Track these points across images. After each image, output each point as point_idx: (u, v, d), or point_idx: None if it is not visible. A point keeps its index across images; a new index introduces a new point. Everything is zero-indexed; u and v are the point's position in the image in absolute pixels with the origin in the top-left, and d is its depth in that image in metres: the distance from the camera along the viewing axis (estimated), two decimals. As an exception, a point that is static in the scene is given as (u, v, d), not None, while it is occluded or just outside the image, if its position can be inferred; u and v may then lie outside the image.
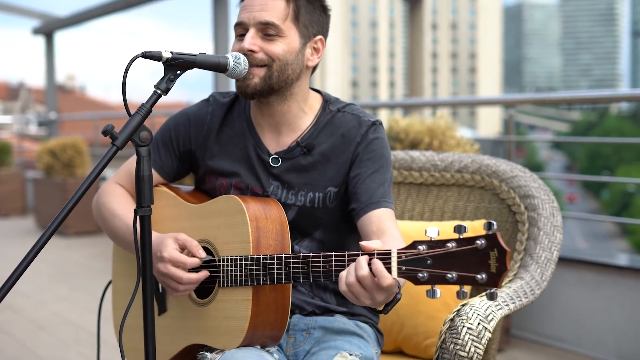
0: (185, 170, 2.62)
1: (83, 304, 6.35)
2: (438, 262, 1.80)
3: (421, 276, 1.81)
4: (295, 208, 2.42)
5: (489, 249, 1.74)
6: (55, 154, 10.51)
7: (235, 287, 2.22)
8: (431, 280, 1.81)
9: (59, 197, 10.17)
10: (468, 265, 1.76)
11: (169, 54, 2.06)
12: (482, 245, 1.74)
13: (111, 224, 2.51)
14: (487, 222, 1.74)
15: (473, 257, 1.76)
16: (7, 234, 10.56)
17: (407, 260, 1.84)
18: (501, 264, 1.73)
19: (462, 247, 1.77)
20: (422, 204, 3.10)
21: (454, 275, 1.77)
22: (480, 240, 1.75)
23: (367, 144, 2.41)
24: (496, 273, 1.73)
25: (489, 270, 1.74)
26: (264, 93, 2.34)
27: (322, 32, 2.44)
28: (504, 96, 7.30)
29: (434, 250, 1.80)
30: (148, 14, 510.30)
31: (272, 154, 2.44)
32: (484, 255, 1.75)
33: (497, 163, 2.94)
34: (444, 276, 1.79)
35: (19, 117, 25.22)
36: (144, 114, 2.02)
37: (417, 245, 1.83)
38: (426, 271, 1.81)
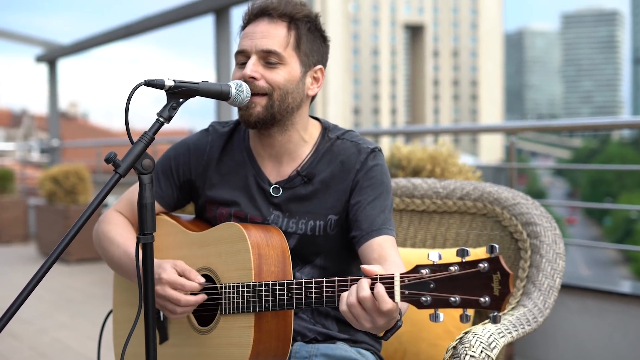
0: (186, 200, 2.62)
1: (84, 331, 6.33)
2: (441, 286, 1.80)
3: (424, 300, 1.81)
4: (296, 236, 2.42)
5: (491, 272, 1.74)
6: (57, 181, 10.52)
7: (237, 314, 2.22)
8: (434, 304, 1.80)
9: (61, 224, 10.16)
10: (471, 289, 1.76)
11: (171, 82, 2.07)
12: (484, 269, 1.74)
13: (110, 252, 2.52)
14: (490, 245, 1.74)
15: (476, 280, 1.76)
16: (9, 260, 10.55)
17: (410, 284, 1.84)
18: (504, 287, 1.73)
19: (465, 270, 1.77)
20: (424, 232, 3.10)
21: (457, 298, 1.77)
22: (482, 264, 1.75)
23: (366, 171, 2.41)
24: (499, 296, 1.73)
25: (492, 293, 1.74)
26: (267, 122, 2.35)
27: (322, 61, 2.46)
28: (506, 123, 7.33)
29: (437, 274, 1.80)
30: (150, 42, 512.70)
31: (273, 183, 2.45)
32: (486, 278, 1.74)
33: (499, 190, 2.94)
34: (447, 300, 1.78)
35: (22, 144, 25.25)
36: (147, 142, 2.02)
37: (419, 269, 1.83)
38: (429, 295, 1.81)
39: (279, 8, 2.35)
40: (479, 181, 3.24)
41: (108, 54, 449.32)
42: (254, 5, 2.40)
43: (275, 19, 2.36)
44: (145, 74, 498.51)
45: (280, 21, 2.35)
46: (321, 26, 2.45)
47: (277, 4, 2.36)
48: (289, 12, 2.36)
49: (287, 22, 2.36)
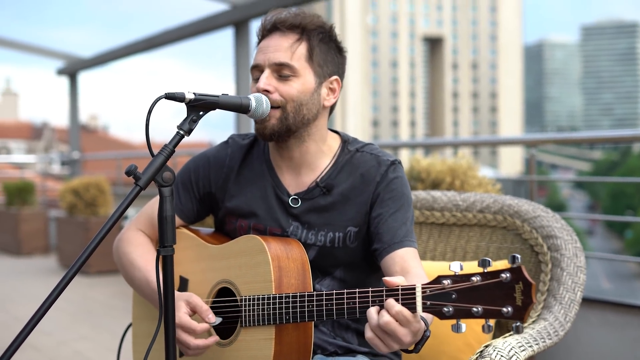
0: (205, 213, 2.63)
1: (104, 343, 6.34)
2: (463, 296, 1.79)
3: (446, 310, 1.80)
4: (315, 248, 2.42)
5: (514, 282, 1.73)
6: (78, 193, 10.56)
7: (257, 327, 2.22)
8: (457, 315, 1.80)
9: (82, 236, 10.20)
10: (493, 299, 1.75)
11: (191, 95, 2.08)
12: (507, 279, 1.74)
13: (131, 274, 2.53)
14: (512, 255, 1.74)
15: (498, 291, 1.75)
16: (30, 272, 10.59)
17: (432, 295, 1.83)
18: (527, 297, 1.72)
19: (487, 280, 1.76)
20: (444, 244, 3.09)
21: (479, 309, 1.76)
22: (505, 274, 1.74)
23: (387, 183, 2.41)
24: (522, 306, 1.73)
25: (515, 303, 1.73)
26: (282, 134, 2.36)
27: (337, 72, 2.46)
28: (526, 136, 7.31)
29: (459, 285, 1.80)
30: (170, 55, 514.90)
31: (292, 194, 2.45)
32: (509, 288, 1.74)
33: (519, 203, 2.93)
34: (469, 310, 1.78)
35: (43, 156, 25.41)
36: (167, 155, 2.03)
37: (441, 279, 1.83)
38: (451, 305, 1.80)
39: (289, 20, 2.38)
40: (498, 194, 3.24)
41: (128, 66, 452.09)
42: (267, 20, 2.42)
43: (286, 32, 2.37)
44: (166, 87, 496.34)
45: (292, 33, 2.37)
46: (336, 37, 2.46)
47: (287, 16, 2.39)
48: (299, 24, 2.37)
49: (298, 34, 2.37)
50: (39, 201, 13.70)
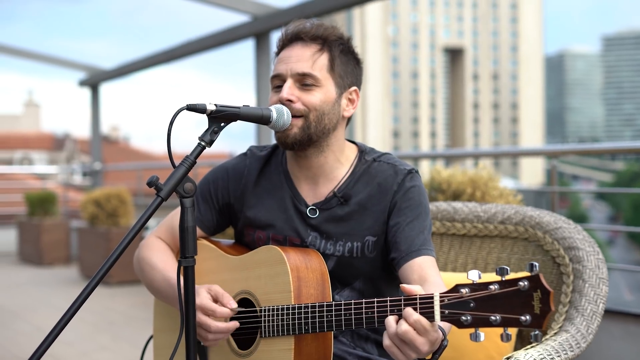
0: (225, 224, 2.64)
1: (125, 354, 6.36)
2: (481, 305, 1.79)
3: (464, 319, 1.80)
4: (334, 258, 2.42)
5: (532, 290, 1.73)
6: (99, 204, 10.61)
7: (277, 337, 2.22)
8: (475, 323, 1.79)
9: (103, 247, 10.24)
10: (511, 307, 1.75)
11: (213, 106, 2.09)
12: (525, 287, 1.73)
13: (150, 277, 2.54)
14: (530, 263, 1.73)
15: (516, 299, 1.75)
16: (51, 282, 10.64)
17: (450, 304, 1.83)
18: (545, 305, 1.72)
19: (505, 289, 1.76)
20: (465, 255, 3.09)
21: (497, 317, 1.76)
22: (522, 282, 1.74)
23: (404, 192, 2.41)
24: (540, 314, 1.72)
25: (533, 311, 1.73)
26: (303, 144, 2.37)
27: (356, 83, 2.48)
28: (547, 147, 7.28)
29: (477, 293, 1.79)
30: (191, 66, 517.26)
31: (310, 205, 2.46)
32: (527, 296, 1.73)
33: (540, 214, 2.92)
34: (487, 318, 1.77)
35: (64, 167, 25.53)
36: (188, 166, 2.04)
37: (459, 288, 1.82)
38: (469, 314, 1.80)
39: (312, 31, 2.39)
40: (520, 205, 3.22)
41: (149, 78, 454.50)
42: (287, 31, 2.44)
43: (308, 43, 2.39)
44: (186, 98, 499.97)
45: (314, 44, 2.39)
46: (354, 48, 2.48)
47: (309, 27, 2.40)
48: (321, 35, 2.39)
49: (320, 44, 2.39)
50: (60, 212, 13.78)
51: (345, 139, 2.53)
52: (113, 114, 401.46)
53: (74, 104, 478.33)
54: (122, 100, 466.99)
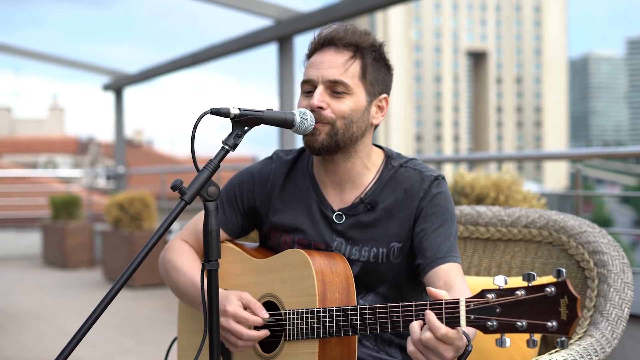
0: (250, 227, 2.64)
1: (149, 356, 6.38)
2: (507, 310, 1.78)
3: (490, 325, 1.79)
4: (359, 263, 2.42)
5: (559, 296, 1.72)
6: (123, 207, 10.67)
7: (301, 341, 2.23)
8: (501, 329, 1.79)
9: (127, 250, 10.28)
10: (538, 313, 1.74)
11: (236, 110, 2.09)
12: (551, 293, 1.72)
13: (175, 280, 2.55)
14: (557, 269, 1.72)
15: (543, 305, 1.74)
16: (75, 285, 10.70)
17: (476, 309, 1.83)
18: (572, 312, 1.70)
19: (532, 294, 1.75)
20: (489, 260, 3.07)
21: (523, 323, 1.75)
22: (550, 288, 1.73)
23: (430, 198, 2.40)
24: (567, 320, 1.71)
25: (560, 317, 1.72)
26: (331, 149, 2.36)
27: (386, 90, 2.47)
28: (571, 151, 7.25)
29: (503, 299, 1.79)
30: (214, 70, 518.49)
31: (336, 210, 2.45)
32: (554, 302, 1.72)
33: (565, 218, 2.90)
34: (513, 324, 1.77)
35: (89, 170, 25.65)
36: (212, 170, 2.05)
37: (485, 293, 1.82)
38: (495, 320, 1.79)
39: (346, 38, 2.36)
40: (544, 209, 3.21)
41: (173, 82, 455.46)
42: (321, 35, 2.41)
43: (341, 49, 2.37)
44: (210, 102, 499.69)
45: (347, 51, 2.36)
46: (385, 55, 2.46)
47: (343, 33, 2.37)
48: (355, 42, 2.36)
49: (353, 51, 2.37)
50: (84, 215, 13.86)
51: (372, 143, 2.53)
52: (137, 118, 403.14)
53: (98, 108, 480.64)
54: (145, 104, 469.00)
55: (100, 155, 47.23)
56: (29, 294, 9.93)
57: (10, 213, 16.23)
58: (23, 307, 8.95)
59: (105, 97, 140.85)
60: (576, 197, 5.28)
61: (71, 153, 48.39)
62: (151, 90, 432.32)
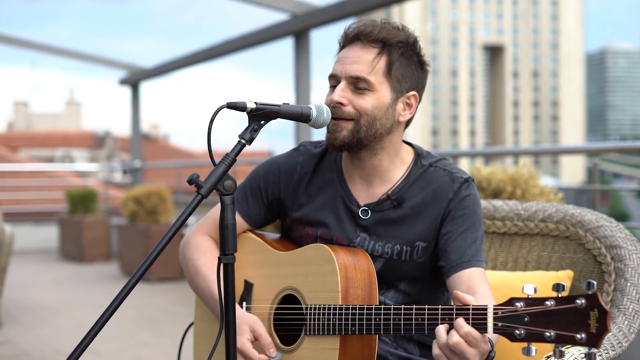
0: (272, 219, 2.64)
1: (166, 349, 6.40)
2: (536, 320, 1.77)
3: (518, 333, 1.78)
4: (381, 260, 2.41)
5: (589, 308, 1.70)
6: (139, 201, 10.69)
7: (321, 336, 2.22)
8: (528, 338, 1.77)
9: (143, 244, 10.31)
10: (567, 325, 1.73)
11: (253, 104, 2.09)
12: (582, 305, 1.71)
13: (195, 282, 2.55)
14: (587, 281, 1.70)
15: (572, 317, 1.72)
16: (92, 279, 10.74)
17: (503, 317, 1.81)
18: (601, 325, 1.69)
19: (561, 305, 1.74)
20: (506, 254, 3.07)
21: (552, 333, 1.74)
22: (580, 300, 1.71)
23: (459, 200, 2.38)
24: (596, 333, 1.69)
25: (589, 330, 1.70)
26: (353, 147, 2.35)
27: (416, 87, 2.42)
28: (588, 145, 7.22)
29: (532, 308, 1.77)
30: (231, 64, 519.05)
31: (362, 205, 2.44)
32: (584, 315, 1.71)
33: (582, 213, 2.89)
34: (541, 334, 1.75)
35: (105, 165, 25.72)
36: (229, 164, 2.05)
37: (514, 302, 1.80)
38: (523, 328, 1.78)
39: (373, 33, 2.34)
40: (561, 203, 3.20)
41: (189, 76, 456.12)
42: (350, 29, 2.39)
43: (368, 44, 2.34)
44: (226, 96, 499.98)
45: (373, 47, 2.34)
46: (419, 51, 2.42)
47: (371, 28, 2.35)
48: (382, 38, 2.34)
49: (379, 47, 2.34)
50: (101, 209, 13.90)
51: (403, 141, 2.51)
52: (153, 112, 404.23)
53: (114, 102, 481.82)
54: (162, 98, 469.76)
55: (117, 150, 47.35)
56: (46, 288, 9.97)
57: (27, 207, 16.30)
58: (40, 300, 8.99)
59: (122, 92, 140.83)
60: (593, 192, 5.27)
61: (88, 147, 48.55)
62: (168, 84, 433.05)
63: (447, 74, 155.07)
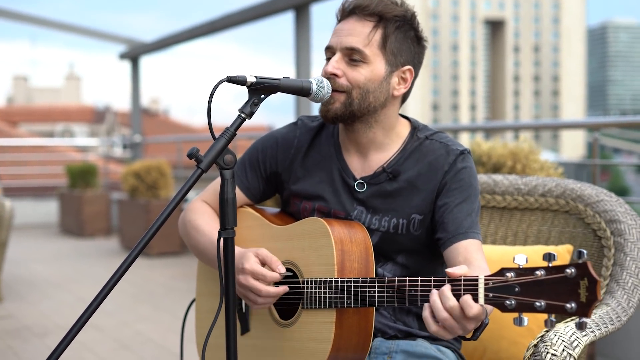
0: (271, 192, 2.64)
1: (166, 323, 6.42)
2: (526, 290, 1.77)
3: (509, 304, 1.79)
4: (378, 233, 2.41)
5: (579, 277, 1.71)
6: (139, 176, 10.69)
7: (318, 309, 2.23)
8: (519, 308, 1.78)
9: (143, 219, 10.33)
10: (557, 294, 1.73)
11: (253, 78, 2.08)
12: (572, 274, 1.71)
13: (195, 240, 2.56)
14: (577, 250, 1.70)
15: (562, 286, 1.72)
16: (92, 254, 10.76)
17: (494, 287, 1.82)
18: (591, 294, 1.69)
19: (552, 275, 1.74)
20: (505, 228, 3.07)
21: (542, 303, 1.74)
22: (570, 269, 1.71)
23: (455, 173, 2.38)
24: (586, 303, 1.70)
25: (579, 299, 1.70)
26: (346, 119, 2.35)
27: (412, 62, 2.42)
28: (589, 119, 7.21)
29: (522, 278, 1.78)
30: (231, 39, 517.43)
31: (358, 178, 2.44)
32: (574, 284, 1.71)
33: (582, 187, 2.89)
34: (532, 304, 1.76)
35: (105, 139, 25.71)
36: (229, 138, 2.04)
37: (505, 272, 1.81)
38: (514, 299, 1.78)
39: (370, 7, 2.33)
40: (561, 178, 3.20)
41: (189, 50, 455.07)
42: (347, 3, 2.38)
43: (364, 17, 2.34)
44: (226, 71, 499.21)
45: (369, 20, 2.33)
46: (417, 26, 2.41)
47: (368, 2, 2.34)
48: (378, 12, 2.33)
49: (375, 21, 2.33)
50: (101, 184, 13.92)
51: (400, 114, 2.51)
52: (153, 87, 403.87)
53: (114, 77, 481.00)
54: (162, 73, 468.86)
55: (117, 124, 47.34)
56: (47, 262, 10.00)
57: (27, 182, 16.31)
58: (41, 275, 9.02)
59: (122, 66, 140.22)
60: (593, 166, 5.26)
61: (88, 122, 48.53)
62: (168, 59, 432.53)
63: (448, 48, 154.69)
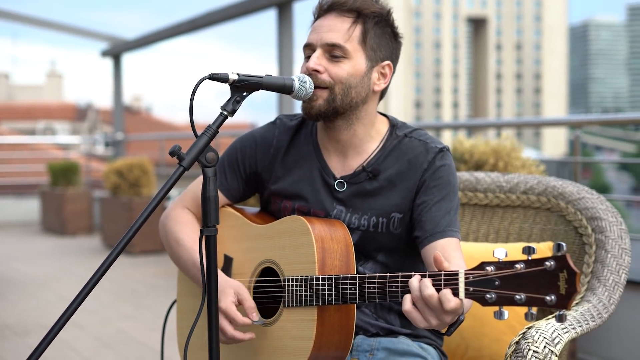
0: (251, 192, 2.63)
1: (147, 322, 6.41)
2: (506, 283, 1.78)
3: (489, 297, 1.80)
4: (358, 232, 2.41)
5: (558, 270, 1.72)
6: (121, 174, 10.67)
7: (300, 307, 2.23)
8: (499, 302, 1.79)
9: (125, 217, 10.30)
10: (537, 287, 1.74)
11: (235, 75, 2.07)
12: (551, 267, 1.72)
13: (177, 253, 2.55)
14: (557, 243, 1.72)
15: (542, 279, 1.74)
16: (74, 252, 10.73)
17: (474, 281, 1.83)
18: (570, 286, 1.70)
19: (531, 268, 1.75)
20: (487, 226, 3.08)
21: (522, 296, 1.75)
22: (549, 262, 1.72)
23: (433, 171, 2.38)
24: (565, 295, 1.71)
25: (559, 291, 1.71)
26: (329, 115, 2.35)
27: (390, 57, 2.43)
28: (570, 117, 7.23)
29: (502, 272, 1.79)
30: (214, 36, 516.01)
31: (338, 178, 2.44)
32: (553, 276, 1.72)
33: (563, 185, 2.90)
34: (512, 297, 1.77)
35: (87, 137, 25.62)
36: (211, 135, 2.04)
37: (485, 266, 1.81)
38: (494, 292, 1.79)
39: (348, 3, 2.34)
40: (542, 175, 3.21)
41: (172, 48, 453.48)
42: (323, 0, 2.39)
43: (342, 13, 2.34)
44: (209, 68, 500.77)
45: (347, 16, 2.34)
46: (393, 22, 2.42)
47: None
48: (356, 8, 2.34)
49: (354, 17, 2.34)
50: (83, 182, 13.87)
51: (378, 112, 2.51)
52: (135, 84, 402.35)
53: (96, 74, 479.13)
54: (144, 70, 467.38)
55: (99, 122, 47.14)
56: (28, 261, 9.96)
57: (8, 180, 16.24)
58: (22, 273, 8.98)
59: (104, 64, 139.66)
60: (575, 164, 5.28)
61: (69, 120, 48.31)
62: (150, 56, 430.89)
63: (431, 46, 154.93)
